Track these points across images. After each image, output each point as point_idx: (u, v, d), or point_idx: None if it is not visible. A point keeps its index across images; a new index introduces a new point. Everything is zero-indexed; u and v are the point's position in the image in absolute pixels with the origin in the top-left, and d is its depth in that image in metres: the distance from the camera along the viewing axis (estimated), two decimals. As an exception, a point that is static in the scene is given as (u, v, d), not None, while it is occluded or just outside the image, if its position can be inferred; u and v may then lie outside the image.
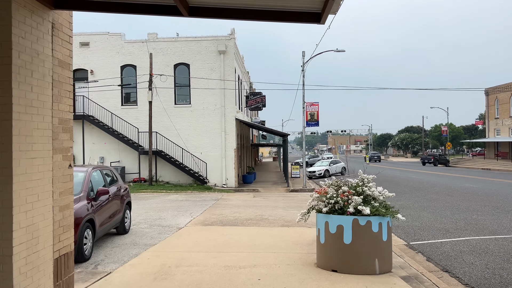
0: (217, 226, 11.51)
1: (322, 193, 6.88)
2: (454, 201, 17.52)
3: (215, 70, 26.63)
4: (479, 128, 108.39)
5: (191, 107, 26.78)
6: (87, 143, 26.78)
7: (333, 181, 7.11)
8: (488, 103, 60.72)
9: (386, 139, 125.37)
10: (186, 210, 15.17)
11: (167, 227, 11.51)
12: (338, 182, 6.96)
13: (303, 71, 26.87)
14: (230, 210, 14.87)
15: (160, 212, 14.70)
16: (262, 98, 34.74)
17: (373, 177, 6.89)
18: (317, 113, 27.24)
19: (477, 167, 51.69)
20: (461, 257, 8.59)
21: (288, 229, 10.99)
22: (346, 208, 6.41)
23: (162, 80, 26.20)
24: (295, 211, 15.19)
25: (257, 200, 19.34)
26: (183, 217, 13.28)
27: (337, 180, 7.05)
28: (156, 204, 17.24)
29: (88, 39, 27.22)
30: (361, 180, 6.86)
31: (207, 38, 26.85)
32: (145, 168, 26.03)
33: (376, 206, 6.39)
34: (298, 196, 22.57)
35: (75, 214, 7.45)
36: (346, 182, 7.06)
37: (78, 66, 27.17)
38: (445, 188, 23.22)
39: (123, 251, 8.73)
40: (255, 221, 12.50)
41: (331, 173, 38.00)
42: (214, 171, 26.51)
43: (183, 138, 26.51)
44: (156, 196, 20.43)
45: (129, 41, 27.22)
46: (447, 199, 18.07)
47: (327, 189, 6.97)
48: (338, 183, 6.93)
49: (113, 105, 27.00)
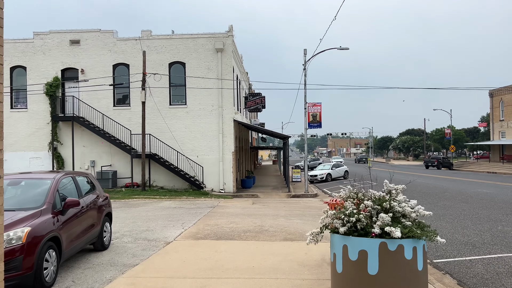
0: (211, 241, 10.08)
1: (338, 207, 5.46)
2: (472, 208, 16.10)
3: (212, 69, 25.26)
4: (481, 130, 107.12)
5: (187, 108, 25.38)
6: (77, 146, 25.36)
7: (350, 191, 5.69)
8: (492, 105, 59.33)
9: (387, 142, 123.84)
10: (178, 219, 13.74)
11: (154, 241, 10.08)
12: (357, 194, 5.54)
13: (304, 69, 25.49)
14: (227, 220, 13.44)
15: (149, 222, 13.27)
16: (261, 99, 33.33)
17: (403, 187, 5.47)
18: (320, 114, 25.84)
19: (482, 170, 50.29)
20: (500, 281, 7.19)
21: (292, 244, 9.56)
22: (370, 228, 5.00)
23: (156, 79, 24.81)
24: (298, 220, 13.78)
25: (256, 207, 17.91)
26: (173, 229, 11.86)
27: (355, 191, 5.64)
28: (146, 212, 15.82)
29: (78, 36, 25.85)
30: (387, 192, 5.45)
31: (203, 35, 25.47)
32: (138, 172, 24.59)
33: (408, 225, 4.98)
34: (300, 202, 21.16)
35: (32, 233, 6.07)
36: (364, 192, 5.65)
37: (68, 65, 25.83)
38: (457, 193, 21.78)
39: (95, 274, 7.30)
40: (254, 233, 11.08)
41: (334, 177, 36.59)
42: (211, 176, 25.07)
43: (179, 141, 25.10)
44: (148, 203, 19.01)
45: (122, 38, 25.84)
46: (463, 207, 16.64)
47: (343, 202, 5.56)
48: (358, 195, 5.52)
49: (104, 106, 25.60)
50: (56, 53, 25.81)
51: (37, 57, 25.86)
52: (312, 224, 12.84)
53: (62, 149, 25.65)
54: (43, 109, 25.73)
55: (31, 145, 25.76)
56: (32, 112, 25.82)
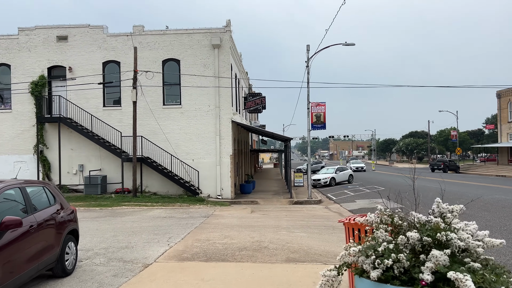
0: (198, 263, 8.37)
1: (366, 238, 3.77)
2: (496, 218, 14.37)
3: (209, 66, 23.61)
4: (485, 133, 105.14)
5: (182, 108, 23.71)
6: (64, 149, 23.70)
7: (381, 212, 3.99)
8: (500, 106, 57.55)
9: (390, 144, 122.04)
10: (166, 232, 12.05)
11: (130, 263, 8.40)
12: (393, 217, 3.84)
13: (307, 67, 23.81)
14: (220, 234, 11.73)
15: (131, 236, 11.58)
16: (262, 100, 31.69)
17: (461, 208, 3.77)
18: (324, 114, 24.13)
19: (491, 173, 48.52)
20: None
21: (296, 268, 7.86)
22: (417, 273, 3.31)
23: (148, 77, 23.16)
24: (302, 233, 12.08)
25: (255, 217, 16.20)
26: (157, 245, 10.16)
27: (390, 212, 3.94)
28: (132, 223, 14.13)
29: (66, 32, 24.24)
30: (439, 215, 3.76)
31: (199, 31, 23.83)
32: (129, 177, 22.92)
33: (476, 268, 3.28)
34: (303, 209, 19.46)
35: None
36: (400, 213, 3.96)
37: (55, 63, 24.22)
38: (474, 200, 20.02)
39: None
40: (251, 251, 9.38)
41: (338, 181, 34.88)
42: (208, 181, 23.37)
43: (173, 143, 23.43)
44: (136, 211, 17.32)
45: (112, 34, 24.21)
46: (486, 216, 14.91)
47: (372, 228, 3.87)
48: (393, 219, 3.82)
49: (94, 107, 23.96)
50: (42, 50, 24.20)
51: (22, 54, 24.25)
52: (318, 239, 11.14)
53: (49, 152, 24.00)
54: (28, 110, 24.10)
55: (16, 148, 24.12)
56: (17, 113, 24.19)
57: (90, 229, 12.82)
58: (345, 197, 24.89)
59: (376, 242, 3.58)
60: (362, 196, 24.63)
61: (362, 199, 23.08)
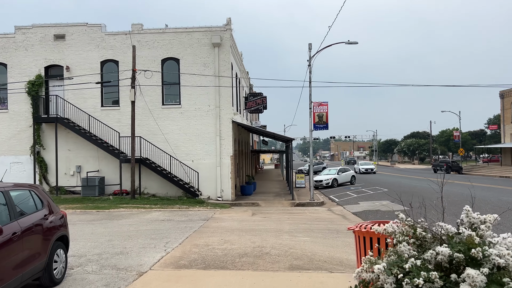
0: (196, 271, 7.88)
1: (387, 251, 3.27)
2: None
3: (209, 65, 23.13)
4: (487, 133, 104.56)
5: (181, 108, 23.24)
6: (62, 150, 23.22)
7: (402, 221, 3.50)
8: (503, 106, 56.98)
9: (391, 145, 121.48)
10: (163, 237, 11.56)
11: (124, 271, 7.91)
12: (415, 228, 3.34)
13: (309, 66, 23.32)
14: (220, 238, 11.24)
15: (127, 240, 11.10)
16: (263, 100, 31.19)
17: (496, 218, 3.28)
18: (326, 114, 23.64)
19: (494, 174, 47.95)
20: None
21: (300, 277, 7.36)
22: (448, 294, 2.81)
23: (147, 76, 22.69)
24: (306, 237, 11.58)
25: (256, 220, 15.70)
26: (153, 251, 9.67)
27: (412, 222, 3.44)
28: (128, 226, 13.65)
29: (63, 30, 23.78)
30: (469, 226, 3.27)
31: (199, 29, 23.35)
32: (127, 178, 22.41)
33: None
34: (305, 212, 18.97)
35: None
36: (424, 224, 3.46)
37: (52, 62, 23.77)
38: (482, 202, 19.50)
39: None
40: (252, 258, 8.88)
41: (340, 183, 34.35)
42: (208, 182, 22.88)
43: (172, 144, 22.95)
44: (134, 214, 16.84)
45: (110, 33, 23.75)
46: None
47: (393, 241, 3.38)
48: (416, 230, 3.32)
49: (91, 106, 23.50)
50: (39, 49, 23.74)
51: (18, 53, 23.79)
52: (322, 243, 10.64)
53: (46, 153, 23.54)
54: (25, 110, 23.64)
55: (12, 148, 23.66)
56: (13, 113, 23.73)
57: (85, 233, 12.35)
58: (348, 199, 24.38)
59: (400, 258, 3.08)
60: (365, 198, 24.12)
61: (366, 201, 22.57)
